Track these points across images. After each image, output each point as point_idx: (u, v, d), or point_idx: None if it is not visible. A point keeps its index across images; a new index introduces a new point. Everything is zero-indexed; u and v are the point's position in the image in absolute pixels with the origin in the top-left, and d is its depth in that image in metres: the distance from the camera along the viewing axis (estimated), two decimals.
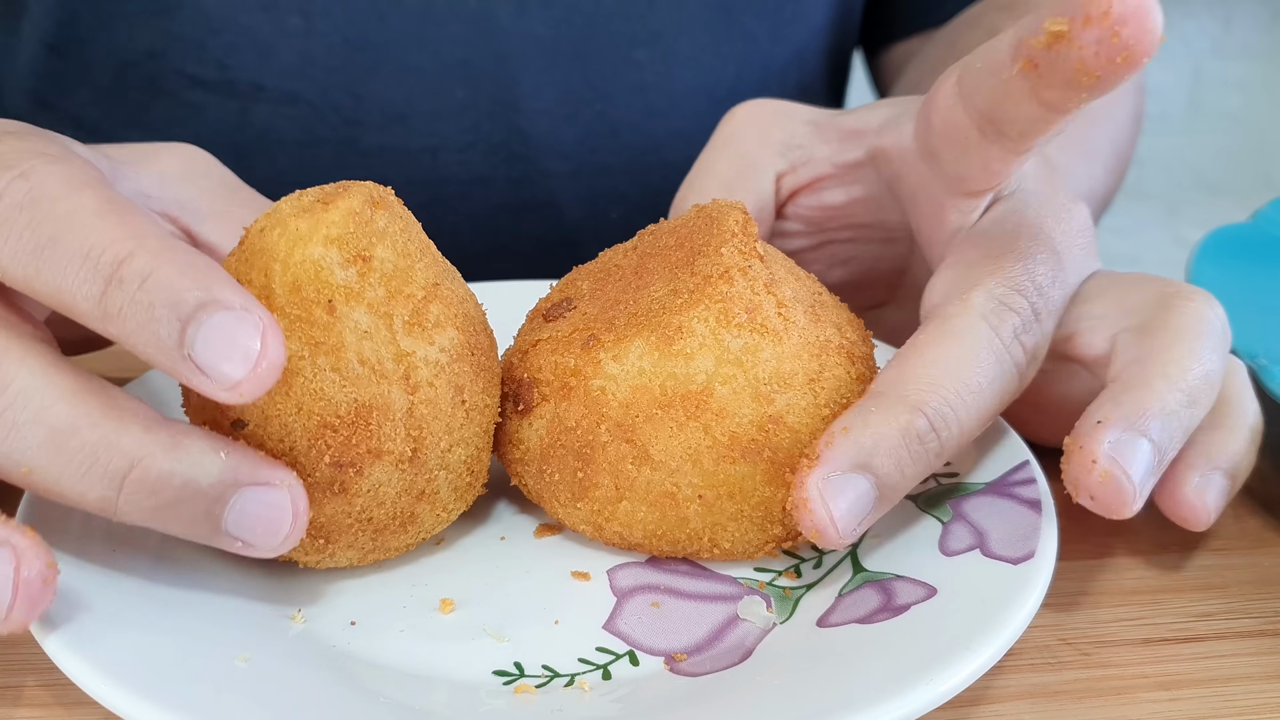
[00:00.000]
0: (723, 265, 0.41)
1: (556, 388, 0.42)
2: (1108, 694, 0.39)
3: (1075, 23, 0.37)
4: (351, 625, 0.40)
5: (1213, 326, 0.43)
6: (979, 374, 0.40)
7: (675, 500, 0.41)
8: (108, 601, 0.37)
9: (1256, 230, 0.61)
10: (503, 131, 0.72)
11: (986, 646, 0.36)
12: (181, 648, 0.36)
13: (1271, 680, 0.40)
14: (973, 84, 0.42)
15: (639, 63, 0.72)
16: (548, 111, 0.72)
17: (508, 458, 0.44)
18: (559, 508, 0.43)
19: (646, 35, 0.72)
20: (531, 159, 0.73)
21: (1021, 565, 0.39)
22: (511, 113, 0.71)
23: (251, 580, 0.41)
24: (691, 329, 0.40)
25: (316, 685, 0.36)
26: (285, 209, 0.38)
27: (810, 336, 0.41)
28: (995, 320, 0.41)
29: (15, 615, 0.34)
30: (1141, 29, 0.36)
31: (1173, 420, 0.40)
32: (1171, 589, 0.44)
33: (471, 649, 0.39)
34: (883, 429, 0.38)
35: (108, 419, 0.35)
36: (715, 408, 0.40)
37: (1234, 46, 1.97)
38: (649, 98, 0.73)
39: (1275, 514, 0.48)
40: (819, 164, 0.51)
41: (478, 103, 0.71)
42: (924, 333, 0.41)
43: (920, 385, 0.39)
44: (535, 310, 0.45)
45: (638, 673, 0.38)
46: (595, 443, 0.41)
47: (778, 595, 0.41)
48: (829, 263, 0.54)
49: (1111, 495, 0.39)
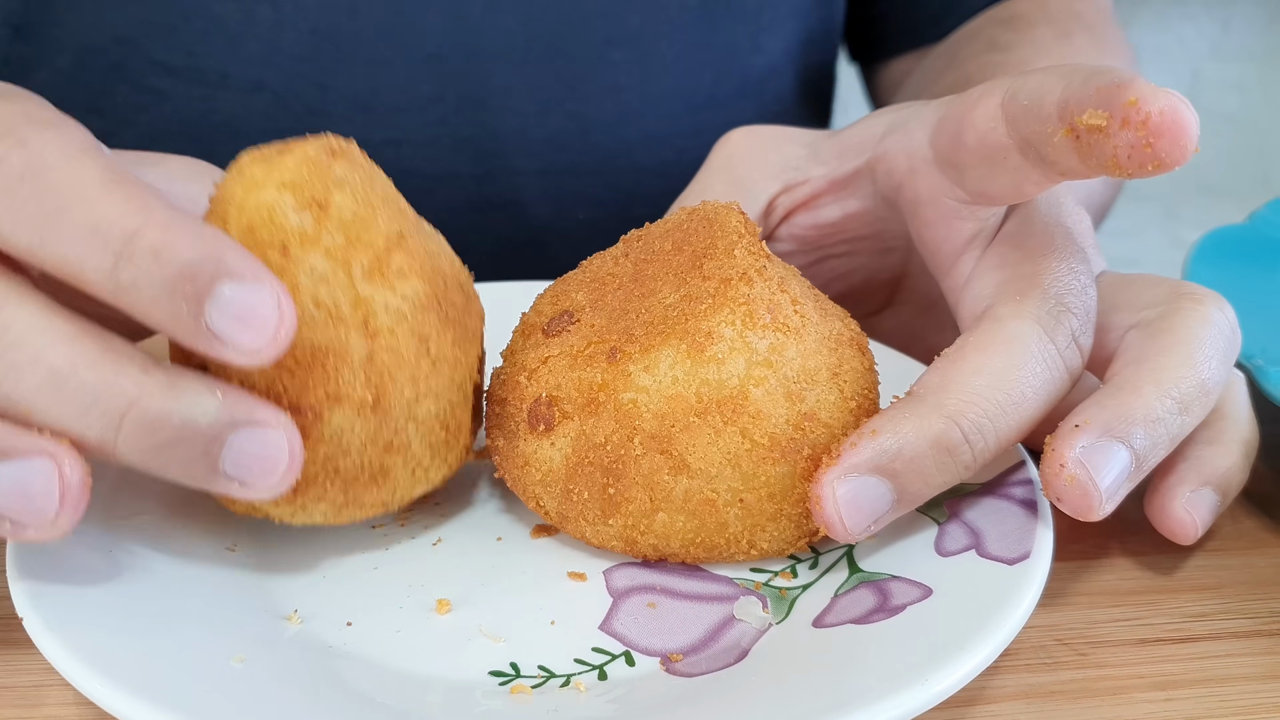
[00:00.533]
0: (739, 267, 0.41)
1: (581, 404, 0.41)
2: (1103, 694, 0.39)
3: (1113, 122, 0.37)
4: (347, 626, 0.40)
5: (1219, 331, 0.42)
6: (1026, 384, 0.39)
7: (715, 506, 0.41)
8: (104, 602, 0.37)
9: (1253, 231, 0.61)
10: (470, 127, 0.71)
11: (982, 647, 0.36)
12: (177, 648, 0.36)
13: (1267, 680, 0.40)
14: (1018, 116, 0.41)
15: (615, 63, 0.72)
16: (518, 109, 0.71)
17: (523, 481, 0.43)
18: (586, 527, 0.42)
19: (624, 36, 0.71)
20: (499, 156, 0.72)
21: (1017, 566, 0.39)
22: (480, 108, 0.70)
23: (247, 581, 0.41)
24: (720, 333, 0.40)
25: (312, 686, 0.36)
26: (245, 158, 0.39)
27: (824, 331, 0.42)
28: (1052, 323, 0.40)
29: (61, 520, 0.35)
30: (1175, 143, 0.36)
31: (1158, 428, 0.40)
32: (1167, 589, 0.44)
33: (467, 649, 0.39)
34: (912, 436, 0.38)
35: (105, 360, 0.35)
36: (752, 410, 0.40)
37: (1232, 49, 1.97)
38: (624, 99, 0.72)
39: (1271, 515, 0.48)
40: (815, 183, 0.51)
41: (446, 97, 0.70)
42: (975, 334, 0.40)
43: (962, 395, 0.39)
44: (527, 325, 0.45)
45: (634, 673, 0.38)
46: (627, 457, 0.40)
47: (774, 596, 0.41)
48: (827, 277, 0.54)
49: (1077, 499, 0.39)
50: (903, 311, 0.56)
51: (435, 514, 0.45)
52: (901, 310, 0.56)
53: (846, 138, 0.50)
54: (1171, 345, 0.41)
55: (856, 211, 0.51)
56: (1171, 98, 0.37)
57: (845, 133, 0.51)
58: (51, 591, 0.37)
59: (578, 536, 0.42)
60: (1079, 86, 0.38)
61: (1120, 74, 0.38)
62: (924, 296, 0.54)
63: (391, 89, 0.69)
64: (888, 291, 0.55)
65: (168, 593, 0.39)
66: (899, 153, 0.48)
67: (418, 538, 0.44)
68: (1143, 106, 0.37)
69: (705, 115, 0.73)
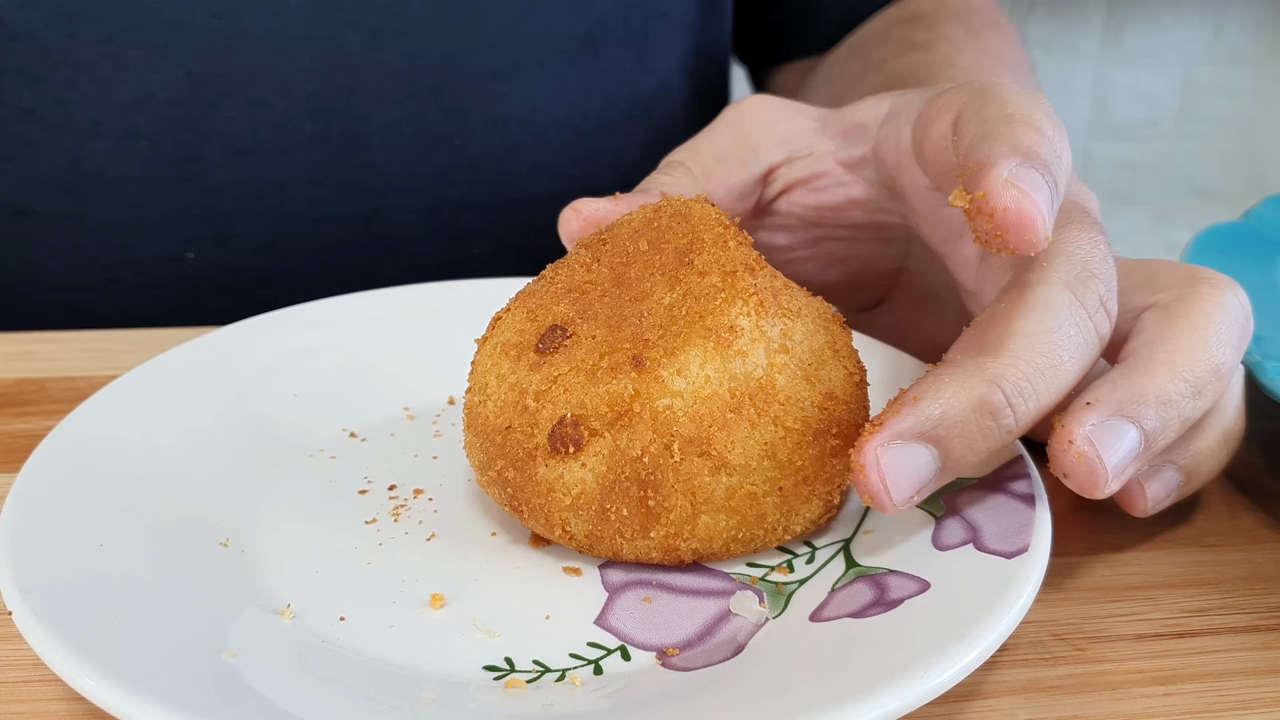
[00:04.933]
0: (737, 258, 0.41)
1: (610, 419, 0.39)
2: (1102, 689, 0.39)
3: (971, 207, 0.38)
4: (340, 621, 0.39)
5: (1234, 316, 0.42)
6: (1062, 346, 0.38)
7: (756, 499, 0.40)
8: (93, 595, 0.37)
9: (1248, 229, 0.61)
10: (354, 167, 0.69)
11: (980, 641, 0.35)
12: (167, 642, 0.36)
13: (1265, 675, 0.40)
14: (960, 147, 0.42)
15: (499, 95, 0.70)
16: (402, 146, 0.70)
17: (547, 510, 0.41)
18: (624, 544, 0.41)
19: (508, 67, 0.70)
20: (384, 195, 0.70)
21: (1015, 559, 0.38)
22: (364, 147, 0.69)
23: (239, 575, 0.41)
24: (740, 326, 0.40)
25: (305, 681, 0.36)
26: None
27: (813, 311, 0.42)
28: (1080, 287, 0.39)
29: None
30: (1021, 237, 0.37)
31: (1170, 410, 0.40)
32: (1165, 584, 0.44)
33: (462, 644, 0.39)
34: (955, 401, 0.37)
35: None
36: (781, 398, 0.40)
37: (1225, 52, 1.98)
38: (510, 131, 0.71)
39: (1269, 510, 0.48)
40: (820, 159, 0.51)
41: (328, 137, 0.68)
42: (1005, 300, 0.39)
43: (1000, 358, 0.38)
44: (508, 346, 0.42)
45: (629, 667, 0.38)
46: (666, 465, 0.39)
47: (770, 590, 0.41)
48: (825, 261, 0.54)
49: (1083, 476, 0.39)
50: (899, 306, 0.55)
51: (429, 509, 0.45)
52: (898, 305, 0.56)
53: (852, 115, 0.51)
54: (1187, 329, 0.41)
55: (859, 198, 0.51)
56: (1018, 196, 0.37)
57: (851, 110, 0.51)
58: (40, 585, 0.36)
59: (611, 556, 0.41)
60: (969, 149, 0.39)
61: (988, 156, 0.38)
62: (922, 290, 0.54)
63: (270, 130, 0.68)
64: (885, 283, 0.55)
65: (158, 586, 0.38)
66: (889, 144, 0.48)
67: (411, 533, 0.44)
68: (990, 201, 0.38)
69: (595, 140, 0.72)
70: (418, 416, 0.51)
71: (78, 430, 0.44)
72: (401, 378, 0.52)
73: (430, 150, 0.70)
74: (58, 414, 0.45)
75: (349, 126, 0.69)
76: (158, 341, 0.57)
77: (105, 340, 0.59)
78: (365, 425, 0.50)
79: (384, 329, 0.54)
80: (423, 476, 0.47)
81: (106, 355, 0.58)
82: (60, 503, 0.40)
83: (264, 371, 0.51)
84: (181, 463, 0.45)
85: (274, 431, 0.48)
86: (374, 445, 0.49)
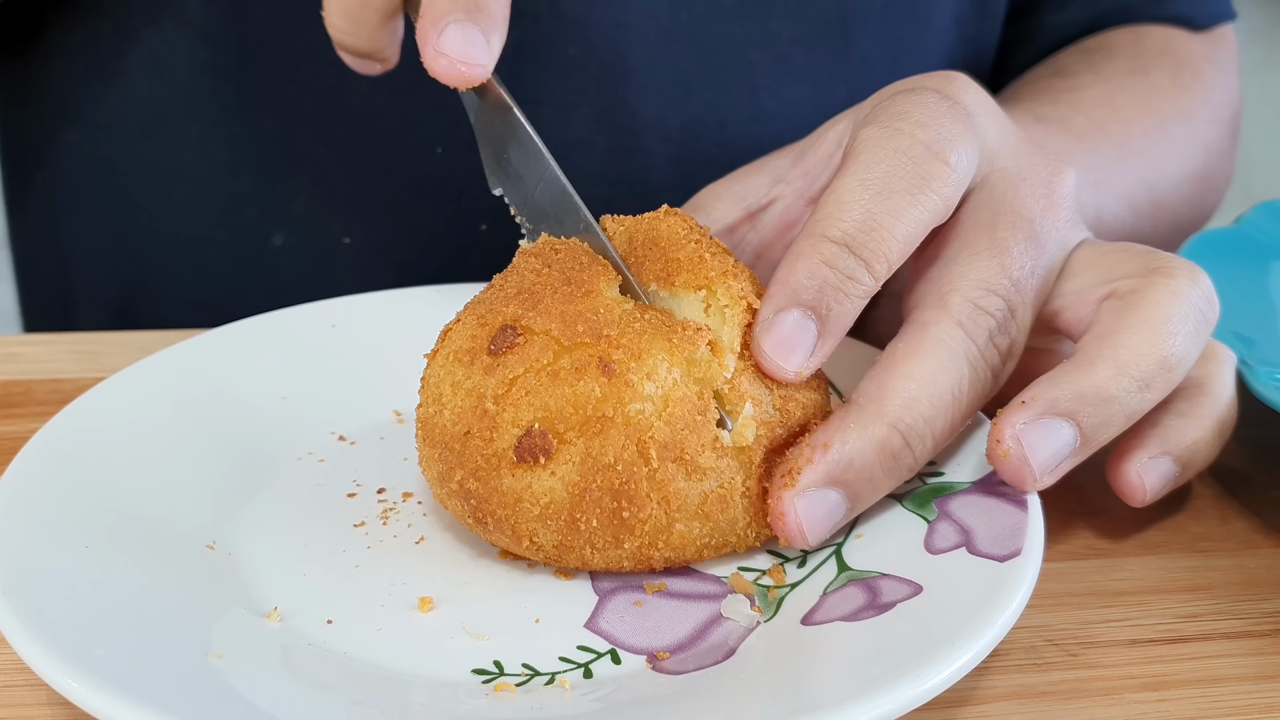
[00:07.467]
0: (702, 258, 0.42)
1: (579, 423, 0.38)
2: (1095, 695, 0.39)
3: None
4: (328, 624, 0.39)
5: (1189, 305, 0.42)
6: (953, 385, 0.41)
7: (727, 503, 0.40)
8: (78, 597, 0.36)
9: (1239, 235, 0.61)
10: (610, 99, 0.69)
11: (972, 645, 0.35)
12: (153, 644, 0.35)
13: (1259, 681, 0.40)
14: None
15: (752, 62, 0.70)
16: (657, 89, 0.70)
17: (512, 521, 0.39)
18: (595, 554, 0.40)
19: (763, 37, 0.70)
20: (634, 134, 0.70)
21: (1007, 563, 0.38)
22: (622, 83, 0.69)
23: (225, 578, 0.40)
24: (703, 327, 0.40)
25: (291, 683, 0.36)
26: None
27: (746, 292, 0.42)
28: (971, 326, 0.42)
29: None
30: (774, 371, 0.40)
31: (1110, 406, 0.41)
32: (1158, 590, 0.44)
33: (450, 647, 0.38)
34: (860, 446, 0.40)
35: None
36: (746, 399, 0.40)
37: None
38: (759, 99, 0.71)
39: (1262, 516, 0.48)
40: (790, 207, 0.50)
41: (588, 64, 0.68)
42: (902, 340, 0.42)
43: (897, 401, 0.40)
44: (460, 353, 0.41)
45: (619, 671, 0.38)
46: (638, 474, 0.38)
47: (762, 594, 0.41)
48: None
49: (1010, 473, 0.41)
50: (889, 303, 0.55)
51: (418, 512, 0.45)
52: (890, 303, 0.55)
53: (814, 149, 0.50)
54: (1136, 322, 0.42)
55: None
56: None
57: (811, 142, 0.50)
58: (24, 587, 0.36)
59: (579, 566, 0.41)
60: None
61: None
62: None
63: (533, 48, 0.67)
64: None
65: (143, 589, 0.38)
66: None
67: (400, 536, 0.43)
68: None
69: None
70: (407, 420, 0.50)
71: (64, 432, 0.44)
72: (391, 381, 0.52)
73: (683, 99, 0.70)
74: (43, 416, 0.45)
75: (611, 58, 0.68)
76: (145, 344, 0.56)
77: (93, 342, 0.58)
78: (354, 429, 0.50)
79: (374, 332, 0.53)
80: (412, 480, 0.47)
81: (94, 357, 0.57)
82: (45, 505, 0.40)
83: (252, 374, 0.50)
84: (168, 465, 0.45)
85: (262, 434, 0.48)
86: (363, 449, 0.49)
